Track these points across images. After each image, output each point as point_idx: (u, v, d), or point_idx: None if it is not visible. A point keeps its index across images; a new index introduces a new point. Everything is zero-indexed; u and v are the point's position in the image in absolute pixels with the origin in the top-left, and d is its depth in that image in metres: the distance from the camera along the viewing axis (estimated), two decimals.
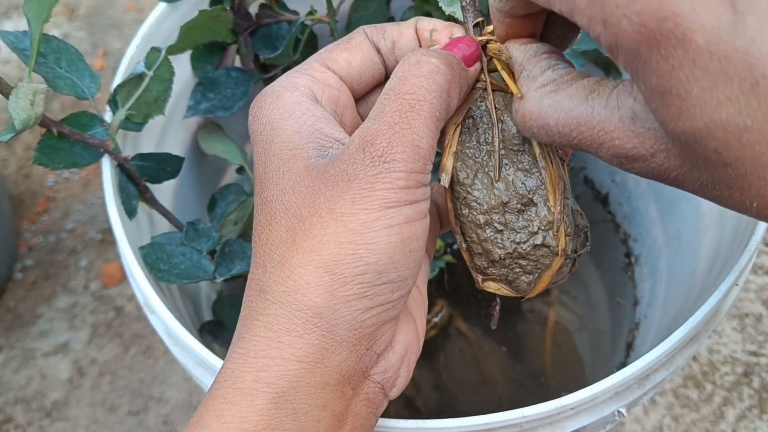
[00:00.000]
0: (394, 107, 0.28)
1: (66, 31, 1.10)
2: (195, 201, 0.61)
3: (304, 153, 0.29)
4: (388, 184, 0.28)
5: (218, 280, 0.47)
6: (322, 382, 0.28)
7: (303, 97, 0.31)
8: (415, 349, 0.32)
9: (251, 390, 0.28)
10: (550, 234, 0.31)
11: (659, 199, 0.66)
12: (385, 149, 0.28)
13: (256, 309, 0.29)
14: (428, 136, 0.28)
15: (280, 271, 0.28)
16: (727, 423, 0.74)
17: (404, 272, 0.28)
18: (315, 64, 0.33)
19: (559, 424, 0.38)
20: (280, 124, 0.30)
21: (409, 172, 0.28)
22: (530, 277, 0.32)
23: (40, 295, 0.87)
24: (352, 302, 0.28)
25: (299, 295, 0.28)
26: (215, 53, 0.55)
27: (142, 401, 0.79)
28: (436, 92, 0.29)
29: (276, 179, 0.29)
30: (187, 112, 0.54)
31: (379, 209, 0.28)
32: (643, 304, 0.68)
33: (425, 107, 0.28)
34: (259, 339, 0.28)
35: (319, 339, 0.28)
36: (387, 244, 0.28)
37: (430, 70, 0.29)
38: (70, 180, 0.96)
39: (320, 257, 0.28)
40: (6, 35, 0.42)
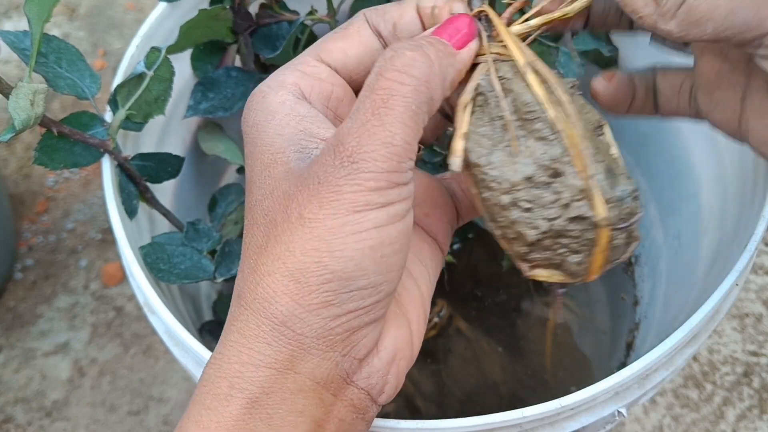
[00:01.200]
0: (366, 104, 0.27)
1: (66, 31, 1.09)
2: (195, 201, 0.61)
3: (284, 157, 0.29)
4: (357, 187, 0.26)
5: (218, 280, 0.47)
6: (296, 388, 0.28)
7: (288, 96, 0.30)
8: (406, 354, 0.31)
9: (226, 396, 0.28)
10: (585, 204, 0.28)
11: (659, 199, 0.66)
12: (354, 149, 0.27)
13: (233, 313, 0.29)
14: (403, 132, 0.27)
15: (252, 277, 0.28)
16: (727, 423, 0.74)
17: (376, 278, 0.27)
18: (307, 57, 0.32)
19: (559, 425, 0.38)
20: (264, 127, 0.30)
21: (380, 172, 0.27)
22: (578, 257, 0.29)
23: (40, 294, 0.87)
24: (319, 310, 0.27)
25: (267, 303, 0.28)
26: (215, 53, 0.55)
27: (143, 401, 0.79)
28: (411, 85, 0.27)
29: (258, 183, 0.29)
30: (187, 112, 0.53)
31: (346, 214, 0.26)
32: (643, 304, 0.68)
33: (399, 102, 0.27)
34: (233, 344, 0.28)
35: (287, 347, 0.27)
36: (354, 251, 0.27)
37: (404, 63, 0.28)
38: (70, 180, 0.96)
39: (286, 265, 0.27)
40: (6, 35, 0.42)
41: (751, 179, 0.48)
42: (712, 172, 0.56)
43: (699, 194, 0.58)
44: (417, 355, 0.32)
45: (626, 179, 0.30)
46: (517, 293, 0.73)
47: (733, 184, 0.52)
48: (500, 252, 0.72)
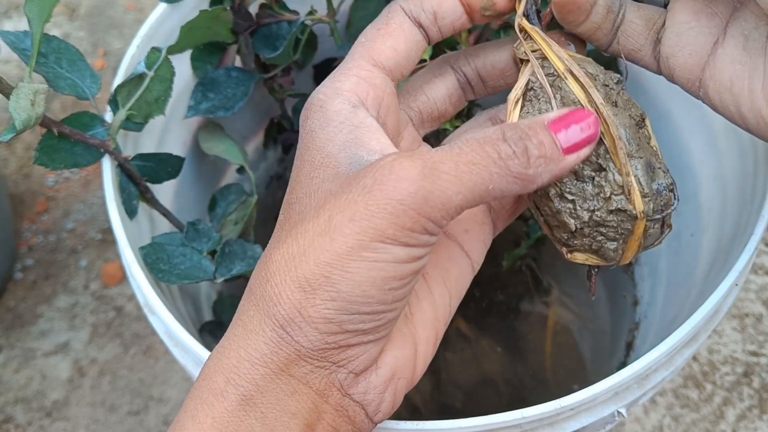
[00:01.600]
0: (453, 152, 0.27)
1: (66, 31, 1.09)
2: (195, 201, 0.61)
3: (334, 160, 0.28)
4: (393, 218, 0.26)
5: (218, 280, 0.47)
6: (289, 389, 0.28)
7: (345, 105, 0.30)
8: (406, 374, 0.30)
9: (222, 391, 0.28)
10: (623, 198, 0.30)
11: None
12: (415, 179, 0.26)
13: (242, 306, 0.29)
14: (465, 198, 0.27)
15: (263, 272, 0.28)
16: (727, 423, 0.74)
17: (378, 307, 0.27)
18: (360, 60, 0.31)
19: (559, 425, 0.38)
20: (318, 133, 0.29)
21: (422, 215, 0.26)
22: (615, 244, 0.31)
23: (40, 294, 0.87)
24: (317, 324, 0.27)
25: (272, 303, 0.28)
26: (215, 53, 0.55)
27: (142, 401, 0.79)
28: (500, 173, 0.27)
29: (304, 183, 0.29)
30: (188, 112, 0.53)
31: (370, 238, 0.26)
32: (643, 303, 0.68)
33: (483, 176, 0.27)
34: (235, 338, 0.28)
35: (283, 349, 0.27)
36: (364, 276, 0.26)
37: (506, 154, 0.27)
38: (70, 180, 0.96)
39: (297, 271, 0.27)
40: (6, 35, 0.42)
41: (751, 179, 0.48)
42: (711, 171, 0.56)
43: (698, 194, 0.58)
44: (420, 376, 0.32)
45: (663, 173, 0.32)
46: (517, 293, 0.73)
47: (733, 184, 0.52)
48: (500, 252, 0.72)
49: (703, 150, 0.57)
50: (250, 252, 0.49)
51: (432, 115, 0.36)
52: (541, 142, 0.28)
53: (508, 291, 0.73)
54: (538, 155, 0.28)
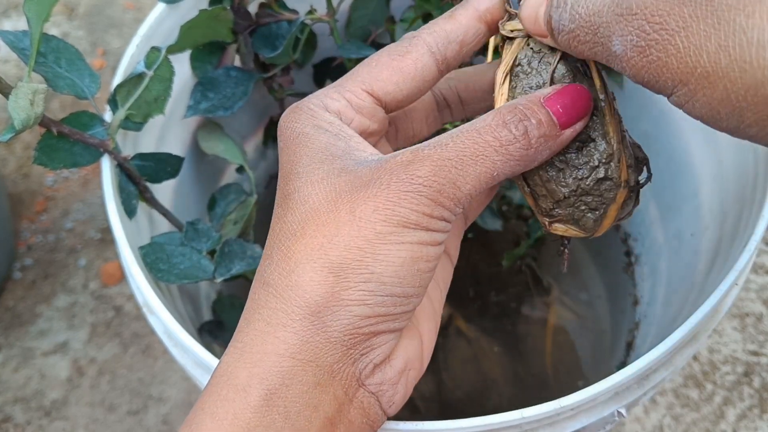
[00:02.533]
0: (456, 146, 0.28)
1: (65, 31, 1.09)
2: (195, 201, 0.61)
3: (339, 161, 0.29)
4: (415, 206, 0.28)
5: (218, 280, 0.47)
6: (314, 381, 0.28)
7: (335, 119, 0.31)
8: (416, 365, 0.32)
9: (245, 386, 0.28)
10: (612, 166, 0.31)
11: (659, 199, 0.66)
12: (427, 176, 0.28)
13: (257, 301, 0.29)
14: (474, 187, 0.28)
15: (285, 263, 0.28)
16: (728, 423, 0.74)
17: (409, 289, 0.28)
18: (357, 88, 0.32)
19: (559, 425, 0.38)
20: (315, 135, 0.30)
21: (438, 204, 0.28)
22: (596, 214, 0.32)
23: (39, 294, 0.87)
24: (351, 307, 0.28)
25: (300, 291, 0.28)
26: (215, 53, 0.55)
27: (142, 401, 0.79)
28: (504, 159, 0.28)
29: (303, 173, 0.29)
30: (187, 111, 0.53)
31: (396, 225, 0.28)
32: (643, 303, 0.68)
33: (487, 164, 0.28)
34: (257, 333, 0.28)
35: (314, 337, 0.28)
36: (396, 257, 0.28)
37: (507, 139, 0.28)
38: (69, 179, 0.96)
39: (328, 256, 0.28)
40: (5, 35, 0.42)
41: (751, 179, 0.48)
42: (711, 171, 0.56)
43: (699, 193, 0.58)
44: (425, 368, 0.33)
45: (639, 150, 0.33)
46: (517, 293, 0.73)
47: (733, 183, 0.52)
48: (500, 252, 0.72)
49: (703, 150, 0.57)
50: (249, 251, 0.49)
51: (407, 134, 0.37)
52: (540, 121, 0.29)
53: (508, 291, 0.73)
54: (538, 135, 0.29)
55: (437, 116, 0.37)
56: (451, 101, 0.37)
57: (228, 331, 0.56)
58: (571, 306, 0.73)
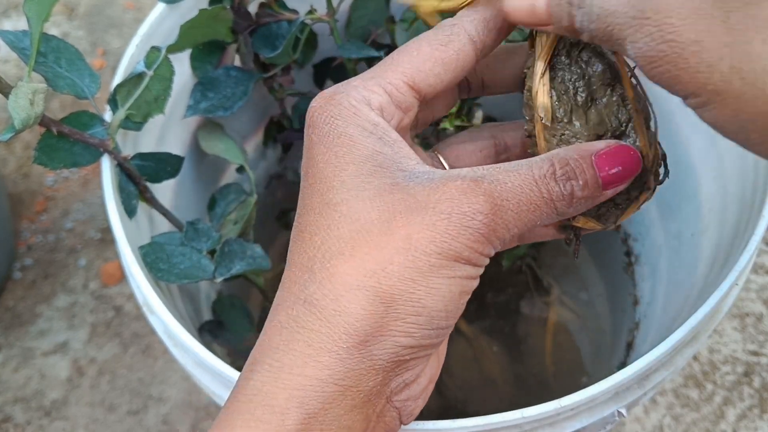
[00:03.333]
0: (515, 189, 0.28)
1: (65, 30, 1.09)
2: (195, 200, 0.61)
3: (389, 172, 0.28)
4: (470, 243, 0.27)
5: (218, 279, 0.47)
6: (352, 404, 0.28)
7: (380, 119, 0.30)
8: (435, 378, 0.32)
9: (283, 409, 0.27)
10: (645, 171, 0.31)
11: (660, 199, 0.66)
12: (488, 213, 0.27)
13: (297, 320, 0.28)
14: (520, 231, 0.28)
15: (331, 285, 0.27)
16: (728, 423, 0.74)
17: (452, 321, 0.29)
18: (398, 81, 0.30)
19: (559, 425, 0.38)
20: (360, 140, 0.29)
21: (489, 243, 0.28)
22: (619, 212, 0.32)
23: (39, 294, 0.87)
24: (398, 338, 0.27)
25: (351, 318, 0.27)
26: (214, 53, 0.55)
27: (142, 401, 0.79)
28: (551, 210, 0.29)
29: (351, 185, 0.28)
30: (187, 111, 0.53)
31: (450, 259, 0.27)
32: (643, 303, 0.68)
33: (536, 214, 0.28)
34: (297, 354, 0.27)
35: (359, 364, 0.27)
36: (447, 292, 0.28)
37: (557, 196, 0.29)
38: (69, 179, 0.96)
39: (380, 285, 0.27)
40: (5, 34, 0.42)
41: (751, 179, 0.48)
42: (712, 171, 0.56)
43: (699, 193, 0.58)
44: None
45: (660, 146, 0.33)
46: (517, 293, 0.73)
47: (733, 184, 0.52)
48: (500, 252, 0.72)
49: (703, 149, 0.57)
50: (249, 251, 0.49)
51: (427, 119, 0.35)
52: (586, 183, 0.29)
53: (508, 291, 0.73)
54: (581, 196, 0.29)
55: (455, 95, 0.36)
56: (473, 83, 0.35)
57: (228, 330, 0.56)
58: (571, 306, 0.73)
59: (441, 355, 0.33)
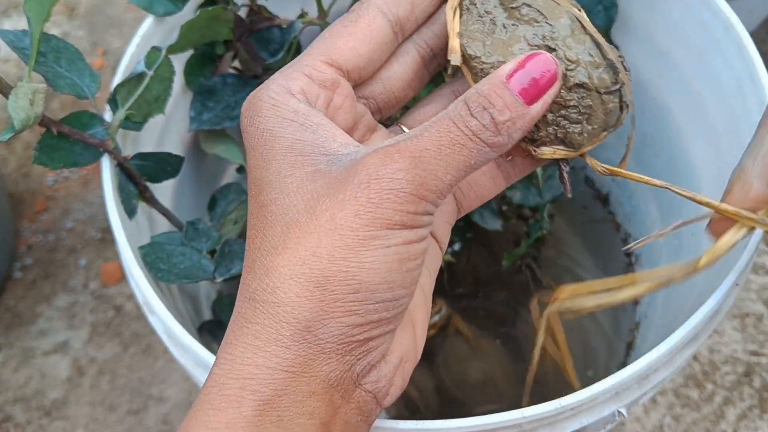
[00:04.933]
0: (432, 137, 0.27)
1: (65, 30, 1.09)
2: (195, 200, 0.61)
3: (311, 159, 0.29)
4: (397, 206, 0.27)
5: (218, 279, 0.47)
6: (309, 390, 0.28)
7: (300, 105, 0.30)
8: (411, 356, 0.31)
9: (237, 397, 0.27)
10: (581, 71, 0.30)
11: (660, 199, 0.66)
12: (408, 168, 0.27)
13: (245, 316, 0.29)
14: (454, 177, 0.28)
15: (269, 279, 0.28)
16: (728, 423, 0.74)
17: (399, 291, 0.28)
18: (316, 60, 0.31)
19: (559, 425, 0.38)
20: (280, 133, 0.29)
21: (421, 199, 0.27)
22: (579, 127, 0.31)
23: (39, 293, 0.87)
24: (342, 318, 0.27)
25: (288, 308, 0.27)
26: (207, 65, 0.54)
27: (142, 400, 0.79)
28: (478, 146, 0.28)
29: (276, 182, 0.29)
30: (191, 124, 0.53)
31: (380, 228, 0.27)
32: (643, 303, 0.68)
33: (463, 153, 0.28)
34: (247, 347, 0.28)
35: (307, 350, 0.27)
36: (383, 263, 0.27)
37: (477, 127, 0.28)
38: (69, 179, 0.96)
39: (312, 271, 0.27)
40: (6, 34, 0.42)
41: None
42: (712, 172, 0.56)
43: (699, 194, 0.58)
44: (420, 356, 0.32)
45: (610, 48, 0.32)
46: (517, 293, 0.73)
47: None
48: (500, 252, 0.72)
49: (703, 150, 0.57)
50: None
51: (389, 103, 0.35)
52: (505, 105, 0.28)
53: (508, 291, 0.73)
54: (505, 119, 0.28)
55: (423, 74, 0.35)
56: (437, 50, 0.35)
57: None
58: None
59: (419, 330, 0.32)
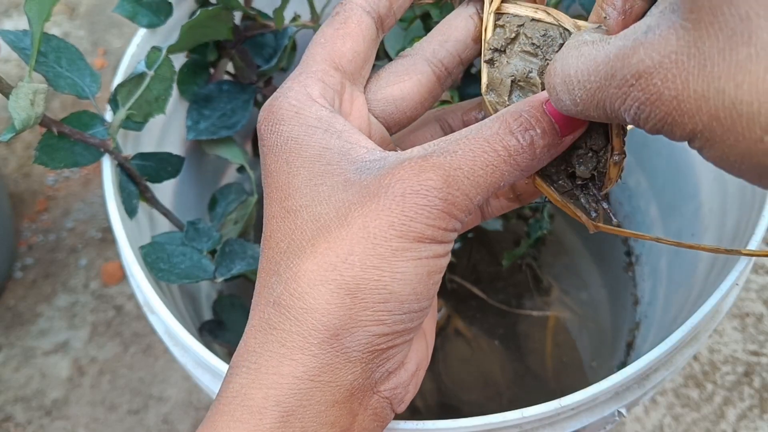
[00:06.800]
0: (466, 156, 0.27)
1: (66, 30, 1.09)
2: (195, 200, 0.61)
3: (339, 168, 0.29)
4: (430, 220, 0.27)
5: (218, 279, 0.47)
6: (332, 400, 0.28)
7: (323, 111, 0.30)
8: (424, 364, 0.32)
9: (260, 408, 0.27)
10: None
11: (660, 199, 0.66)
12: (441, 187, 0.27)
13: (269, 322, 0.28)
14: (483, 197, 0.28)
15: (296, 284, 0.28)
16: (728, 423, 0.74)
17: (425, 303, 0.28)
18: (323, 64, 0.31)
19: (559, 425, 0.38)
20: (306, 140, 0.29)
21: (451, 217, 0.27)
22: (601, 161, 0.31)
23: (40, 293, 0.87)
24: (370, 327, 0.27)
25: (317, 314, 0.27)
26: (200, 74, 0.54)
27: (142, 400, 0.79)
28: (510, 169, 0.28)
29: (306, 190, 0.29)
30: (188, 134, 0.53)
31: (412, 240, 0.27)
32: (643, 303, 0.68)
33: (496, 176, 0.28)
34: (272, 354, 0.28)
35: (334, 359, 0.27)
36: (414, 275, 0.27)
37: (516, 150, 0.28)
38: (70, 179, 0.96)
39: (343, 277, 0.27)
40: (6, 34, 0.42)
41: None
42: (712, 172, 0.56)
43: (699, 194, 0.58)
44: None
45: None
46: (517, 293, 0.73)
47: (733, 184, 0.52)
48: (500, 252, 0.72)
49: None
50: (250, 251, 0.49)
51: (401, 122, 0.35)
52: (544, 131, 0.28)
53: (508, 290, 0.73)
54: (543, 145, 0.28)
55: (437, 92, 0.35)
56: (451, 67, 0.35)
57: (228, 330, 0.56)
58: (572, 306, 0.73)
59: (429, 338, 0.33)
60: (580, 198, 0.32)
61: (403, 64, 0.33)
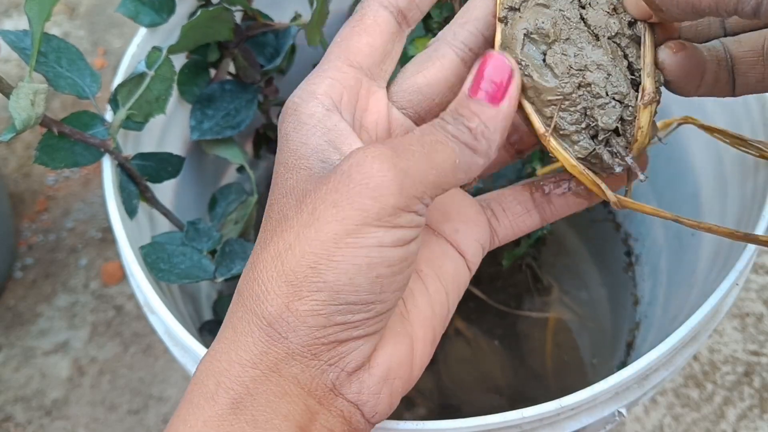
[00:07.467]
0: (415, 135, 0.28)
1: (66, 30, 1.09)
2: (195, 200, 0.61)
3: (307, 162, 0.29)
4: (376, 196, 0.26)
5: (218, 279, 0.47)
6: (280, 391, 0.27)
7: (318, 108, 0.30)
8: (402, 374, 0.30)
9: (213, 394, 0.27)
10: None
11: (660, 199, 0.66)
12: (390, 157, 0.27)
13: (230, 309, 0.29)
14: (437, 179, 0.28)
15: (250, 273, 0.28)
16: (728, 422, 0.74)
17: (367, 297, 0.27)
18: (336, 62, 0.31)
19: (559, 425, 0.38)
20: (292, 135, 0.30)
21: (402, 192, 0.27)
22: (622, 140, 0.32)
23: (40, 293, 0.87)
24: (306, 318, 0.27)
25: (259, 301, 0.27)
26: (200, 74, 0.54)
27: (142, 400, 0.79)
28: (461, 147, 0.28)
29: (280, 184, 0.29)
30: (192, 134, 0.53)
31: (356, 222, 0.26)
32: (643, 303, 0.68)
33: (447, 152, 0.28)
34: (225, 341, 0.28)
35: (272, 348, 0.27)
36: (350, 265, 0.26)
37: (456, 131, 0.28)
38: (70, 179, 0.96)
39: (284, 265, 0.27)
40: (6, 34, 0.42)
41: (751, 179, 0.48)
42: (712, 172, 0.56)
43: (699, 194, 0.58)
44: (419, 376, 0.31)
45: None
46: (517, 293, 0.73)
47: (733, 184, 0.52)
48: (500, 251, 0.72)
49: (703, 151, 0.57)
50: (250, 251, 0.49)
51: (431, 111, 0.34)
52: (473, 113, 0.29)
53: (508, 290, 0.73)
54: (476, 125, 0.28)
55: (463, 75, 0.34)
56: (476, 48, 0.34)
57: None
58: (572, 306, 0.73)
59: (421, 346, 0.31)
60: (603, 155, 0.31)
61: (426, 53, 0.33)
